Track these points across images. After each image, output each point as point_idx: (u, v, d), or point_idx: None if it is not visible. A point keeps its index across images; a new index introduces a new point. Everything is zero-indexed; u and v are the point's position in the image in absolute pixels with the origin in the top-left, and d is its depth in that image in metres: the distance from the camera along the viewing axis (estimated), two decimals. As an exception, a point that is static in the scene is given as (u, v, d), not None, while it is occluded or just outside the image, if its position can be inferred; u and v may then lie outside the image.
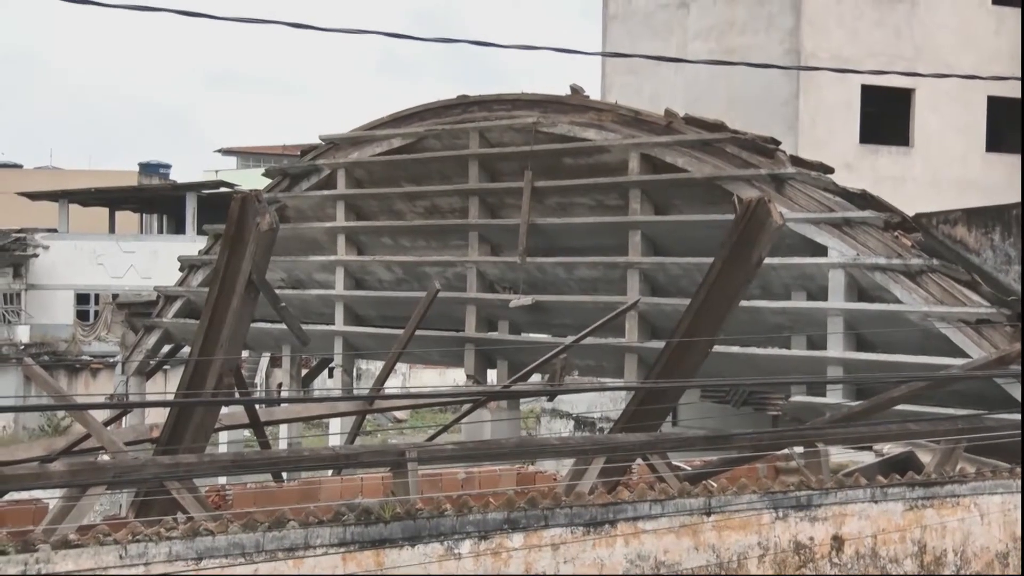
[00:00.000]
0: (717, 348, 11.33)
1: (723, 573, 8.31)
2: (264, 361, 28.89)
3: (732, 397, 21.12)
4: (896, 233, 15.62)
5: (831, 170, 16.83)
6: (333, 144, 22.37)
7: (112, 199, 60.33)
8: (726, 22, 28.21)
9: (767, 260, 10.52)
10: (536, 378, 16.19)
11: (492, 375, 20.57)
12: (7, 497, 9.47)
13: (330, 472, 11.84)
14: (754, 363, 16.22)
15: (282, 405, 17.16)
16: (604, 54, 29.80)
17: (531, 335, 19.93)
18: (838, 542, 8.81)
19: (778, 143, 17.06)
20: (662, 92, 27.62)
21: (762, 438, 10.70)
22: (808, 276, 16.20)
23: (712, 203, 16.80)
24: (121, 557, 6.47)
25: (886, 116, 27.67)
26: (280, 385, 31.05)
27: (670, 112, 17.89)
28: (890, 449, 11.67)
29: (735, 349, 15.70)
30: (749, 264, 9.67)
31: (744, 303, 12.31)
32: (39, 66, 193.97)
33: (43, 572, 6.27)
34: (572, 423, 27.94)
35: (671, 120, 17.72)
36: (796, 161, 16.95)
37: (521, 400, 23.98)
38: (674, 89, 27.66)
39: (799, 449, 10.27)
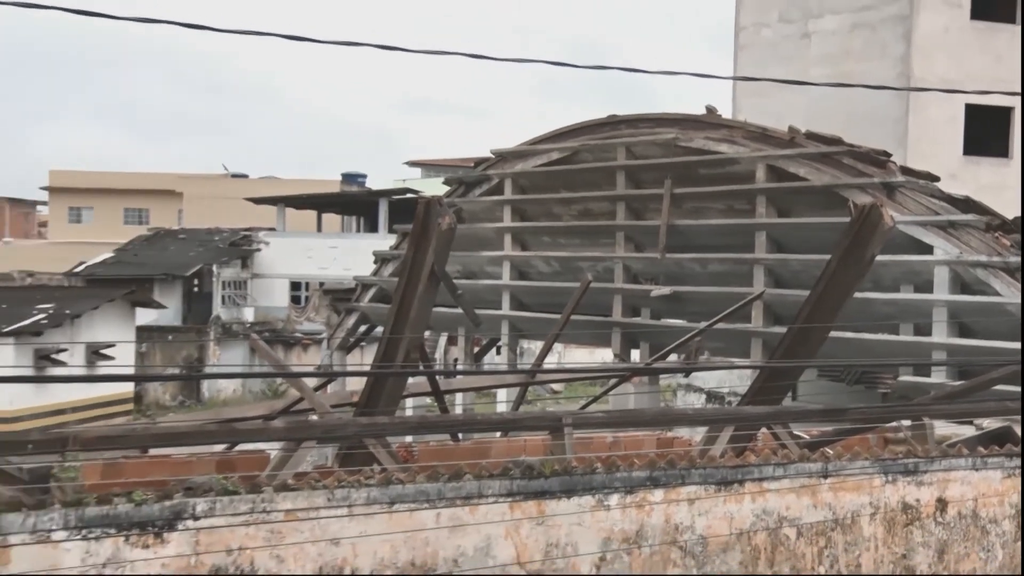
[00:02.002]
0: (833, 334, 11.06)
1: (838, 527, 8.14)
2: (443, 340, 29.21)
3: (846, 377, 20.61)
4: (996, 234, 15.08)
5: (937, 179, 16.33)
6: (501, 157, 22.50)
7: (320, 203, 61.64)
8: (843, 51, 27.55)
9: (878, 257, 10.23)
10: (673, 357, 16.06)
11: (635, 354, 20.47)
12: (237, 448, 9.72)
13: (498, 434, 11.90)
14: (866, 347, 15.83)
15: (458, 377, 17.35)
16: (735, 78, 29.34)
17: (669, 320, 19.76)
18: (942, 504, 8.55)
19: (889, 155, 16.60)
20: (785, 112, 27.02)
21: (873, 412, 10.45)
22: (915, 272, 15.75)
23: (829, 208, 16.43)
24: (329, 500, 6.61)
25: (987, 132, 26.70)
26: (456, 360, 31.35)
27: (793, 128, 17.56)
28: (989, 424, 11.26)
29: (849, 335, 15.32)
30: (862, 261, 9.42)
31: (857, 295, 12.01)
32: (260, 92, 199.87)
33: (267, 509, 6.44)
34: (704, 397, 27.61)
35: (794, 135, 17.39)
36: (905, 171, 16.51)
37: (660, 376, 23.79)
38: (796, 109, 27.04)
39: (907, 422, 9.99)
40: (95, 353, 36.24)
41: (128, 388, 40.55)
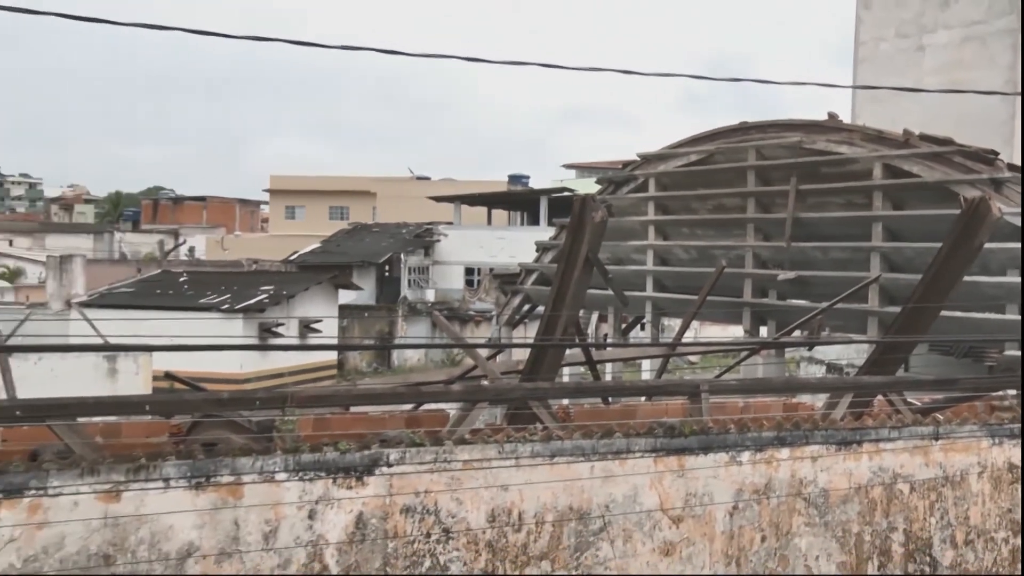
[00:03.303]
0: (944, 313, 10.60)
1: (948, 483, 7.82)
2: (594, 317, 29.14)
3: (956, 351, 19.75)
4: (1098, 223, 14.21)
5: (1042, 174, 15.47)
6: (646, 159, 22.30)
7: (489, 201, 62.30)
8: (954, 62, 26.29)
9: (987, 245, 9.76)
10: (797, 333, 15.68)
11: (763, 331, 20.05)
12: (422, 407, 9.91)
13: (643, 398, 11.83)
14: (975, 325, 15.12)
15: (608, 349, 17.31)
16: (855, 87, 28.31)
17: (794, 301, 19.27)
18: (1046, 465, 8.14)
19: (997, 153, 15.80)
20: (901, 117, 25.91)
21: (981, 382, 10.00)
22: (1021, 257, 14.96)
23: (941, 202, 15.75)
24: (499, 452, 6.71)
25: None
26: (606, 335, 31.28)
27: (907, 131, 16.89)
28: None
29: (959, 314, 14.66)
30: (971, 248, 9.00)
31: (967, 278, 11.46)
32: (438, 106, 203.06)
33: (448, 459, 6.58)
34: (825, 368, 26.83)
35: (908, 137, 16.72)
36: (1012, 167, 15.71)
37: (786, 349, 23.23)
38: (910, 115, 25.88)
39: (1012, 392, 9.52)
40: (306, 327, 37.60)
41: (332, 356, 41.92)
